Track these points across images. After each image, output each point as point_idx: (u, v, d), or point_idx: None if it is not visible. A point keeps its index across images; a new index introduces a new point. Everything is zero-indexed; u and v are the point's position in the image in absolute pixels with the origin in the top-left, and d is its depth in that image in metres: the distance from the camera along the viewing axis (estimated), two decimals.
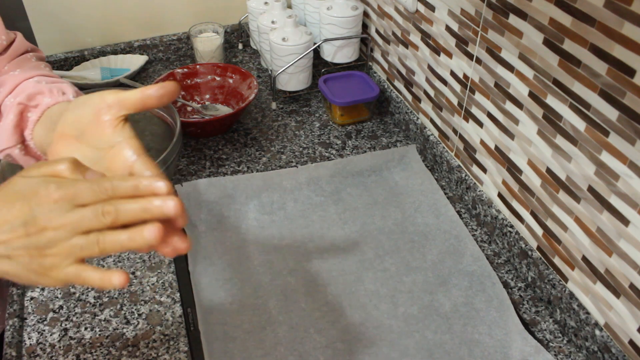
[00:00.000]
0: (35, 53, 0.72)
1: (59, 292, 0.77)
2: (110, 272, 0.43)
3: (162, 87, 0.47)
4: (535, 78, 0.70)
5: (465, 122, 0.89)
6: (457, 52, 0.86)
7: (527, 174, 0.76)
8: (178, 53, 1.34)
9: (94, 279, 0.43)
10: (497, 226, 0.84)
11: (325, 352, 0.70)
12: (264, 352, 0.70)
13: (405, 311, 0.75)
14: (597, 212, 0.65)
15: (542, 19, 0.66)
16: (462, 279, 0.79)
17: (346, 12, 1.10)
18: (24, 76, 0.65)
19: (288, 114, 1.13)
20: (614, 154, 0.61)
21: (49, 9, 1.20)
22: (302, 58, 1.08)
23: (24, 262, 0.42)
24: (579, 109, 0.64)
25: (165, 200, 0.42)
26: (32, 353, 0.70)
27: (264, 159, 1.01)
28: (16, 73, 0.66)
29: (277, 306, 0.76)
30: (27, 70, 0.67)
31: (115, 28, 1.28)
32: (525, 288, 0.79)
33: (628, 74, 0.56)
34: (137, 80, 1.24)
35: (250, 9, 1.23)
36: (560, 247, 0.73)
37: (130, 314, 0.75)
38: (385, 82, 1.15)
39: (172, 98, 0.48)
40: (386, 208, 0.90)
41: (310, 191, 0.93)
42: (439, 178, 0.98)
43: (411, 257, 0.82)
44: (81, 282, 0.44)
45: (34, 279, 0.44)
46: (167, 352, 0.70)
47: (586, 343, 0.69)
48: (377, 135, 1.07)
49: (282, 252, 0.83)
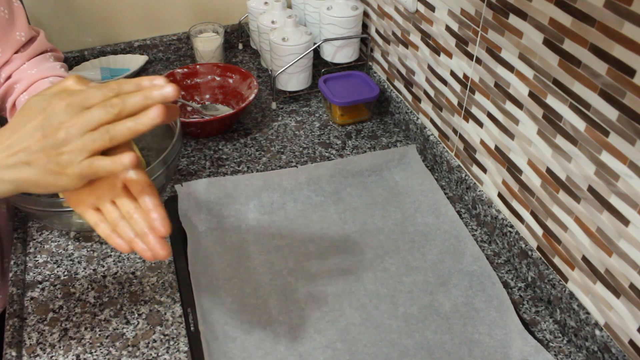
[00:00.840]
0: (54, 53, 0.73)
1: (59, 292, 0.77)
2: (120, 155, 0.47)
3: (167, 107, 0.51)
4: (535, 78, 0.70)
5: (465, 122, 0.89)
6: (457, 52, 0.86)
7: (527, 174, 0.76)
8: (178, 53, 1.34)
9: (106, 164, 0.47)
10: (497, 226, 0.84)
11: (325, 352, 0.70)
12: (264, 352, 0.70)
13: (405, 311, 0.75)
14: (597, 212, 0.65)
15: (542, 19, 0.66)
16: (462, 279, 0.79)
17: (346, 12, 1.10)
18: (39, 75, 0.68)
19: (288, 114, 1.13)
20: (614, 154, 0.61)
21: (49, 9, 1.20)
22: (302, 58, 1.08)
23: (42, 164, 0.47)
24: (579, 109, 0.64)
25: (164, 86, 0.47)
26: (32, 353, 0.70)
27: (264, 159, 1.01)
28: (33, 72, 0.68)
29: (277, 306, 0.76)
30: (43, 71, 0.69)
31: (115, 28, 1.28)
32: (525, 288, 0.79)
33: (628, 74, 0.56)
34: None
35: (250, 9, 1.23)
36: (560, 247, 0.73)
37: (130, 314, 0.75)
38: (385, 82, 1.15)
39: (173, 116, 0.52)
40: (386, 208, 0.90)
41: (310, 191, 0.93)
42: (439, 178, 0.98)
43: (411, 257, 0.82)
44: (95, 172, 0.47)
45: (51, 180, 0.48)
46: (167, 352, 0.70)
47: (586, 343, 0.69)
48: (377, 135, 1.07)
49: (282, 252, 0.83)
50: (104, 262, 0.82)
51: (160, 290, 0.78)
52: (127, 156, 0.47)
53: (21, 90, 0.67)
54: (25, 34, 0.70)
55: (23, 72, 0.69)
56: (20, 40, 0.69)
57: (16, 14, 0.70)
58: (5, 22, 0.69)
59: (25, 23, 0.71)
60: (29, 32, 0.71)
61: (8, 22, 0.68)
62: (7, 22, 0.69)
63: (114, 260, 0.82)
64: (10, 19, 0.69)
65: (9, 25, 0.69)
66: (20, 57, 0.70)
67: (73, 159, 0.47)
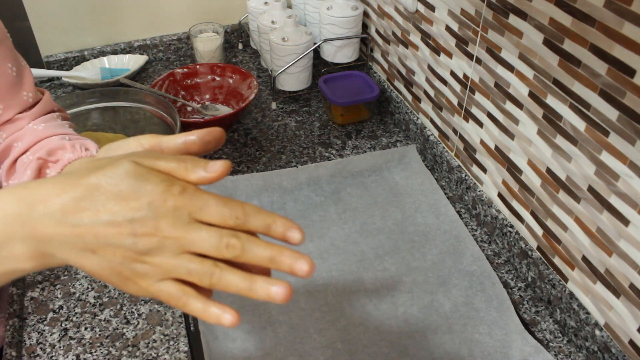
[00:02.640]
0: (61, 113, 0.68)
1: (59, 292, 0.77)
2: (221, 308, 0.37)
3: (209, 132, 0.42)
4: (535, 78, 0.70)
5: (465, 122, 0.89)
6: (457, 52, 0.86)
7: (527, 174, 0.76)
8: (178, 53, 1.34)
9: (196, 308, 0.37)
10: (497, 226, 0.84)
11: (325, 352, 0.70)
12: (264, 352, 0.70)
13: (405, 311, 0.75)
14: (597, 212, 0.65)
15: (542, 19, 0.66)
16: (462, 279, 0.79)
17: (346, 12, 1.10)
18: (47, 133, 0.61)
19: (288, 114, 1.13)
20: (614, 154, 0.61)
21: (49, 9, 1.20)
22: (302, 58, 1.08)
23: (112, 261, 0.37)
24: (579, 109, 0.64)
25: (298, 260, 0.37)
26: (32, 353, 0.70)
27: (264, 159, 1.01)
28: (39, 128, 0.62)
29: (277, 306, 0.76)
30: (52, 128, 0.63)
31: (115, 28, 1.28)
32: (525, 288, 0.79)
33: (628, 74, 0.56)
34: (137, 80, 1.24)
35: (250, 9, 1.23)
36: (560, 247, 0.73)
37: (130, 314, 0.75)
38: (385, 82, 1.15)
39: (218, 145, 0.43)
40: (386, 208, 0.90)
41: (310, 191, 0.93)
42: (439, 178, 0.98)
43: (411, 257, 0.82)
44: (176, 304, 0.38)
45: (115, 281, 0.38)
46: (167, 352, 0.70)
47: (586, 343, 0.69)
48: (377, 135, 1.07)
49: None
50: None
51: None
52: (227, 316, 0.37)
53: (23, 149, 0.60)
54: (32, 95, 0.65)
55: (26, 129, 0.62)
56: (27, 101, 0.64)
57: (24, 74, 0.65)
58: (13, 79, 0.63)
59: (33, 84, 0.65)
60: (36, 95, 0.65)
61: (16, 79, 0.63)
62: (15, 80, 0.63)
63: None
64: (19, 78, 0.64)
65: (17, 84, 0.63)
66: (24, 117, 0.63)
67: (152, 275, 0.37)
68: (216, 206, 0.36)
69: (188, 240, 0.36)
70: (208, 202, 0.37)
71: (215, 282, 0.36)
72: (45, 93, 0.68)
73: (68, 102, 0.96)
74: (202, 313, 0.37)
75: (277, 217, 0.38)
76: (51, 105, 0.67)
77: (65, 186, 0.37)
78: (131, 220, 0.35)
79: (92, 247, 0.36)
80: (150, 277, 0.37)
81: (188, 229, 0.36)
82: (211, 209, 0.36)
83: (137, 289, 0.38)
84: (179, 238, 0.36)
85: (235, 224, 0.37)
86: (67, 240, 0.36)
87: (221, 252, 0.36)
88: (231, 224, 0.37)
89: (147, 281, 0.37)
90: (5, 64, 0.62)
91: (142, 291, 0.38)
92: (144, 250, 0.36)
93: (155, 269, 0.36)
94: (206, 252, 0.36)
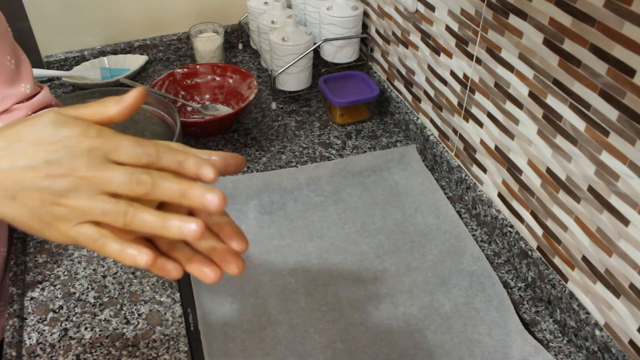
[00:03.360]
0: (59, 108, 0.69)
1: (59, 292, 0.77)
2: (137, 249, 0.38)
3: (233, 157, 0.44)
4: (535, 78, 0.70)
5: (465, 122, 0.89)
6: (457, 52, 0.86)
7: (527, 174, 0.76)
8: (178, 53, 1.34)
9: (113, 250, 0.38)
10: (497, 226, 0.84)
11: (325, 352, 0.70)
12: (264, 352, 0.70)
13: (405, 311, 0.75)
14: (597, 212, 0.65)
15: (542, 19, 0.66)
16: (462, 279, 0.79)
17: (346, 12, 1.10)
18: None
19: (288, 114, 1.13)
20: (614, 154, 0.61)
21: (49, 9, 1.20)
22: (302, 58, 1.08)
23: (31, 206, 0.37)
24: (579, 109, 0.64)
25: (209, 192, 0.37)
26: (32, 353, 0.70)
27: (264, 159, 1.01)
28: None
29: (277, 306, 0.76)
30: None
31: (115, 28, 1.28)
32: (525, 288, 0.79)
33: (628, 74, 0.56)
34: (137, 80, 1.24)
35: (250, 9, 1.23)
36: (560, 247, 0.73)
37: (130, 314, 0.75)
38: (385, 82, 1.15)
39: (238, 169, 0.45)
40: (386, 208, 0.90)
41: (310, 191, 0.93)
42: (439, 178, 0.98)
43: (411, 257, 0.82)
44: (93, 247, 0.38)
45: (36, 227, 0.38)
46: (167, 352, 0.70)
47: (586, 343, 0.69)
48: (377, 135, 1.07)
49: (282, 252, 0.83)
50: (104, 262, 0.82)
51: (160, 290, 0.78)
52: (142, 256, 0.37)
53: None
54: (30, 87, 0.65)
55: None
56: (25, 92, 0.65)
57: (23, 66, 0.66)
58: (11, 71, 0.64)
59: (32, 77, 0.65)
60: (34, 88, 0.66)
61: (14, 72, 0.64)
62: (13, 72, 0.64)
63: (113, 260, 0.82)
64: (17, 70, 0.65)
65: (15, 75, 0.64)
66: (22, 108, 0.64)
67: (70, 217, 0.37)
68: (130, 146, 0.38)
69: (102, 180, 0.37)
70: (122, 142, 0.38)
71: (130, 221, 0.37)
72: (44, 87, 0.68)
73: (68, 102, 0.95)
74: (119, 254, 0.38)
75: (190, 155, 0.39)
76: (49, 98, 0.68)
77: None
78: (47, 163, 0.36)
79: (11, 192, 0.37)
80: (69, 220, 0.37)
81: (102, 169, 0.37)
82: (125, 149, 0.37)
83: (58, 234, 0.38)
84: (94, 177, 0.37)
85: (148, 161, 0.38)
86: None
87: (132, 189, 0.37)
88: (144, 162, 0.38)
89: (66, 225, 0.38)
90: (4, 57, 0.63)
91: (62, 236, 0.38)
92: (60, 191, 0.37)
93: (72, 212, 0.37)
94: (119, 190, 0.37)
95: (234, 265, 0.41)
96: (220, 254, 0.41)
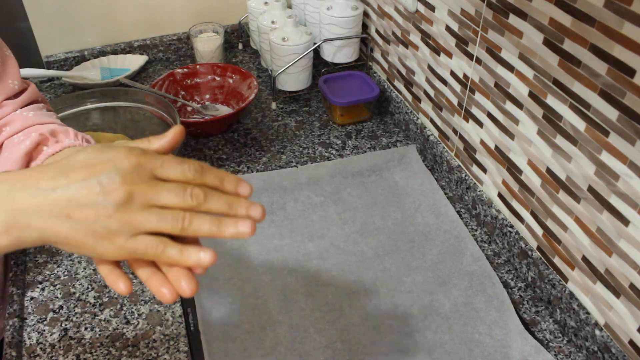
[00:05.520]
0: (45, 105, 0.68)
1: (59, 292, 0.77)
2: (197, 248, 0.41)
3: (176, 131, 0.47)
4: (535, 78, 0.70)
5: (465, 122, 0.89)
6: (457, 52, 0.86)
7: (527, 174, 0.76)
8: (178, 53, 1.34)
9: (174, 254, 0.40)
10: (497, 226, 0.84)
11: (325, 352, 0.70)
12: (264, 352, 0.70)
13: (405, 311, 0.75)
14: (597, 212, 0.65)
15: (542, 19, 0.66)
16: (462, 279, 0.79)
17: (346, 12, 1.10)
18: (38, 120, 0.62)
19: (288, 114, 1.13)
20: (614, 154, 0.61)
21: (49, 9, 1.20)
22: (302, 58, 1.08)
23: (87, 222, 0.39)
24: (579, 109, 0.64)
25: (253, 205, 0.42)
26: (32, 353, 0.70)
27: (264, 159, 1.01)
28: (29, 115, 0.63)
29: (277, 306, 0.76)
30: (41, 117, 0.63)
31: (115, 28, 1.28)
32: (525, 288, 0.79)
33: (628, 74, 0.56)
34: (137, 80, 1.24)
35: (250, 9, 1.23)
36: (560, 247, 0.73)
37: (130, 314, 0.75)
38: (385, 82, 1.15)
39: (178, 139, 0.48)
40: (386, 208, 0.90)
41: (310, 191, 0.93)
42: (439, 178, 0.98)
43: (411, 257, 0.82)
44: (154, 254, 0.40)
45: (90, 243, 0.40)
46: (167, 352, 0.70)
47: (586, 343, 0.69)
48: (377, 135, 1.07)
49: (282, 252, 0.83)
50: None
51: None
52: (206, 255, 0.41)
53: (14, 131, 0.60)
54: (18, 83, 0.65)
55: (15, 115, 0.63)
56: (13, 89, 0.64)
57: (9, 63, 0.65)
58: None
59: (18, 74, 0.64)
60: (22, 84, 0.67)
61: (0, 68, 0.64)
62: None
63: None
64: (2, 67, 0.64)
65: (1, 72, 0.64)
66: (11, 104, 0.64)
67: (125, 230, 0.39)
68: (175, 163, 0.41)
69: (155, 192, 0.39)
70: (167, 159, 0.41)
71: (187, 225, 0.40)
72: (30, 84, 0.69)
73: (68, 102, 0.95)
74: (180, 257, 0.40)
75: (228, 173, 0.43)
76: (37, 94, 0.68)
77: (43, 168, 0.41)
78: (99, 180, 0.39)
79: (66, 211, 0.39)
80: (124, 233, 0.39)
81: (155, 183, 0.40)
82: (171, 165, 0.41)
83: (114, 248, 0.40)
84: (146, 190, 0.39)
85: (194, 177, 0.41)
86: (42, 209, 0.39)
87: (186, 201, 0.40)
88: (190, 177, 0.41)
89: (122, 237, 0.39)
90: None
91: (118, 249, 0.40)
92: (114, 204, 0.39)
93: (127, 224, 0.39)
94: (172, 203, 0.40)
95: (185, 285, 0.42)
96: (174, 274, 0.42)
